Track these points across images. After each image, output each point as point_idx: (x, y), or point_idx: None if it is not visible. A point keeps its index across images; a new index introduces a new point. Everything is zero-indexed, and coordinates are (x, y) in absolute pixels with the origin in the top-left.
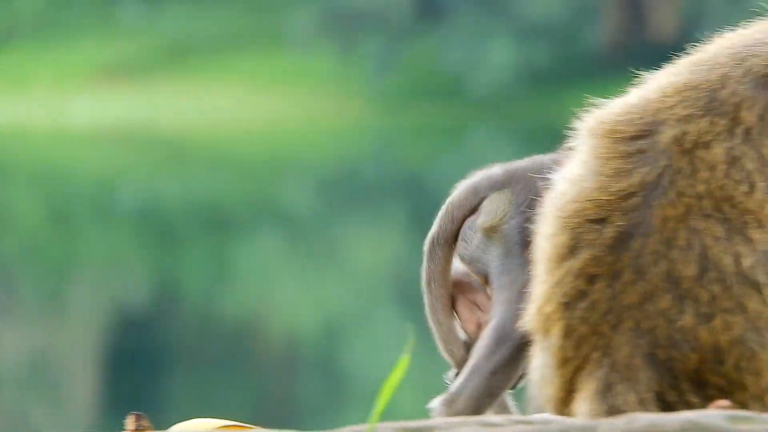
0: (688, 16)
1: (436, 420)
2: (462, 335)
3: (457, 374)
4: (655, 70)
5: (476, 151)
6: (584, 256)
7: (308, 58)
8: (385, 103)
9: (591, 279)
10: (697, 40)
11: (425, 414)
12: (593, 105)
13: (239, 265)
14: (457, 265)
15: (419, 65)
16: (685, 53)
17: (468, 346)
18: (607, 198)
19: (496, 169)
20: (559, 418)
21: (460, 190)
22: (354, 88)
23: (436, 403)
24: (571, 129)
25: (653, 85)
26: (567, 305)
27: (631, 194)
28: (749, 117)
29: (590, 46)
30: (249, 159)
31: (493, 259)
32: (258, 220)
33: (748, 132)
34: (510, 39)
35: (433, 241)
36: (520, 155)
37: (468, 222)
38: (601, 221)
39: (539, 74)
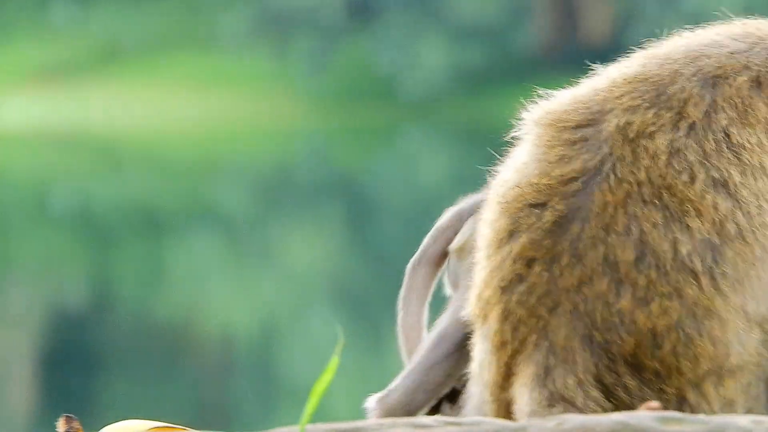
0: (620, 18)
1: (367, 421)
2: None
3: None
4: (587, 72)
5: (409, 152)
6: (523, 240)
7: (242, 58)
8: (319, 104)
9: (529, 263)
10: (630, 42)
11: (361, 414)
12: (540, 97)
13: (174, 267)
14: None
15: (353, 66)
16: (619, 55)
17: None
18: (547, 183)
19: (481, 195)
20: (490, 419)
21: (446, 214)
22: (288, 88)
23: (371, 400)
24: (517, 119)
25: (604, 77)
26: (505, 289)
27: (572, 179)
28: (695, 113)
29: (523, 47)
30: (183, 160)
31: (460, 277)
32: (193, 222)
33: (692, 126)
34: (443, 40)
35: (415, 262)
36: (453, 156)
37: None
38: (541, 206)
39: (472, 75)
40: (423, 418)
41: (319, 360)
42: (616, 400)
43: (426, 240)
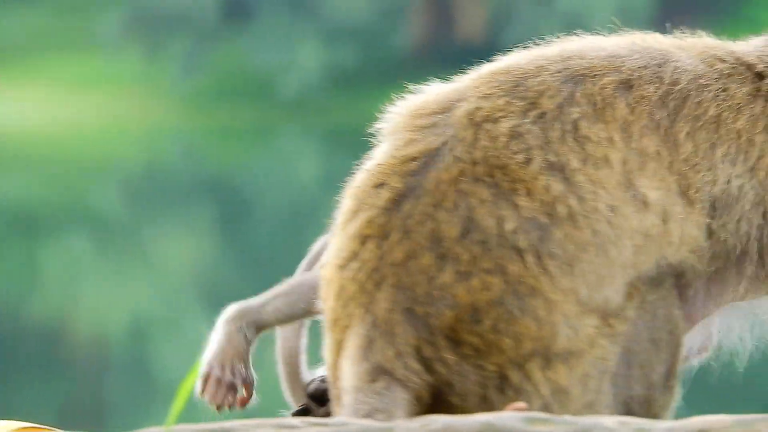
0: (496, 17)
1: (233, 422)
2: (306, 377)
3: (295, 412)
4: (462, 71)
5: (284, 152)
6: (361, 218)
7: (116, 59)
8: (194, 105)
9: (364, 240)
10: (506, 41)
11: (231, 414)
12: (409, 92)
13: (48, 267)
14: None
15: (228, 67)
16: (494, 54)
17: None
18: (390, 163)
19: None
20: (357, 420)
21: (319, 241)
22: (162, 89)
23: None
24: (383, 114)
25: (475, 71)
26: (341, 267)
27: (412, 159)
28: (548, 104)
29: (398, 47)
30: (56, 161)
31: None
32: (66, 223)
33: (542, 115)
34: (319, 40)
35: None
36: (328, 157)
37: None
38: (381, 185)
39: (348, 75)
40: (290, 419)
41: (192, 361)
42: (435, 374)
43: (301, 265)
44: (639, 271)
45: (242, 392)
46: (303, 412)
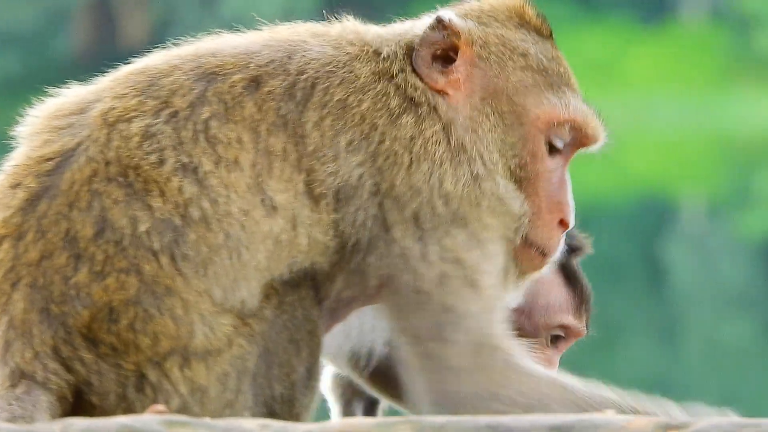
0: (158, 23)
1: None
2: None
3: None
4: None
5: None
6: None
7: None
8: None
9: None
10: (166, 45)
11: None
12: (50, 95)
13: None
14: None
15: None
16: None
17: None
18: (25, 164)
19: None
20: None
21: None
22: None
23: None
24: (24, 117)
25: (114, 73)
26: None
27: (48, 160)
28: (180, 103)
29: (62, 52)
30: None
31: None
32: None
33: (174, 115)
34: None
35: None
36: None
37: None
38: (17, 186)
39: (10, 82)
40: None
41: None
42: (75, 373)
43: None
44: (273, 274)
45: None
46: None
